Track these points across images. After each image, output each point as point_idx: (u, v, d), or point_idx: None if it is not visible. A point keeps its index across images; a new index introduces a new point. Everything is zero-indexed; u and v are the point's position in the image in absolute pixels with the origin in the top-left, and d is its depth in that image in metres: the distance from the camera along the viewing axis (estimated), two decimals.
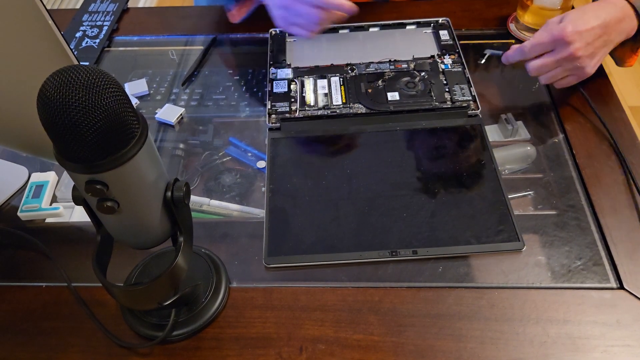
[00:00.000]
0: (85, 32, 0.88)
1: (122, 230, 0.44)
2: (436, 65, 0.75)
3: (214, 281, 0.54)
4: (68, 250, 0.61)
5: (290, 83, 0.74)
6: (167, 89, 0.79)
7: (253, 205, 0.64)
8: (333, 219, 0.60)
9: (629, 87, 1.86)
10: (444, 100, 0.70)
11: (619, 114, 0.69)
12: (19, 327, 0.54)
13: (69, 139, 0.35)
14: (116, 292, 0.47)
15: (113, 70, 0.82)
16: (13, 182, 0.68)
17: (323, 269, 0.57)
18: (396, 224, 0.59)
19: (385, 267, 0.56)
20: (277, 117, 0.70)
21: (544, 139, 0.68)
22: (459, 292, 0.54)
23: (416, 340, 0.51)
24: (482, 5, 0.87)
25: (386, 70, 0.75)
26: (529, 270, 0.56)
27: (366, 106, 0.70)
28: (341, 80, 0.74)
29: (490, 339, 0.51)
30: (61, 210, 0.64)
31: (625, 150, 0.65)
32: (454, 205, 0.60)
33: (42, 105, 0.34)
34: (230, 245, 0.60)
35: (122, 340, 0.52)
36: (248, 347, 0.51)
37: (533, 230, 0.59)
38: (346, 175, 0.64)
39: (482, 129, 0.68)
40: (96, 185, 0.38)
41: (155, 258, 0.56)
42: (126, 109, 0.36)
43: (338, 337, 0.52)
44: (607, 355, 0.49)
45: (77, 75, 0.34)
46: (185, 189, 0.44)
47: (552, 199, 0.62)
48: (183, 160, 0.70)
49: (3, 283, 0.58)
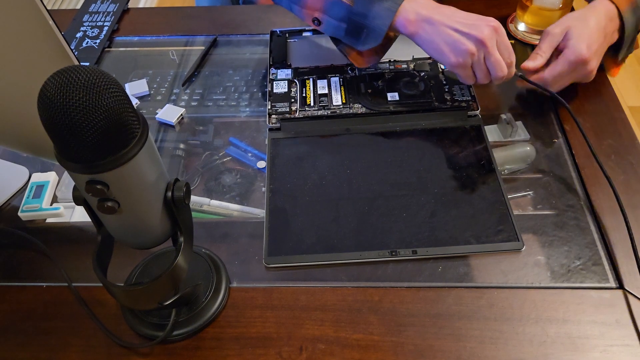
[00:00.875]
0: (86, 33, 0.88)
1: (123, 230, 0.45)
2: (436, 65, 0.75)
3: (214, 281, 0.54)
4: (68, 250, 0.61)
5: (291, 83, 0.74)
6: (167, 89, 0.79)
7: (253, 205, 0.64)
8: (333, 219, 0.60)
9: (628, 87, 1.86)
10: (443, 101, 0.70)
11: (618, 114, 0.69)
12: (20, 327, 0.54)
13: (69, 139, 0.35)
14: (116, 292, 0.47)
15: (113, 70, 0.82)
16: (14, 182, 0.68)
17: (323, 269, 0.57)
18: (396, 224, 0.59)
19: (385, 267, 0.57)
20: (277, 118, 0.70)
21: (544, 139, 0.68)
22: (458, 291, 0.54)
23: (416, 339, 0.51)
24: (482, 6, 0.87)
25: (386, 71, 0.75)
26: (528, 270, 0.56)
27: (366, 106, 0.70)
28: (341, 80, 0.74)
29: (490, 339, 0.51)
30: (62, 211, 0.64)
31: (625, 150, 0.65)
32: (453, 205, 0.60)
33: (43, 106, 0.34)
34: (230, 245, 0.60)
35: (123, 340, 0.52)
36: (248, 347, 0.51)
37: (532, 230, 0.59)
38: (346, 176, 0.64)
39: (482, 129, 0.68)
40: (97, 186, 0.38)
41: (155, 258, 0.56)
42: (127, 109, 0.36)
43: (338, 336, 0.52)
44: (607, 354, 0.49)
45: (78, 75, 0.34)
46: (186, 189, 0.44)
47: (551, 199, 0.62)
48: (183, 161, 0.70)
49: (3, 283, 0.58)
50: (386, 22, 0.63)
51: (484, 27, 0.61)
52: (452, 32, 0.62)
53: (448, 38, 0.62)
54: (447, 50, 0.62)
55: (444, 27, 0.62)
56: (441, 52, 0.63)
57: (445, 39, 0.62)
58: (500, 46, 0.62)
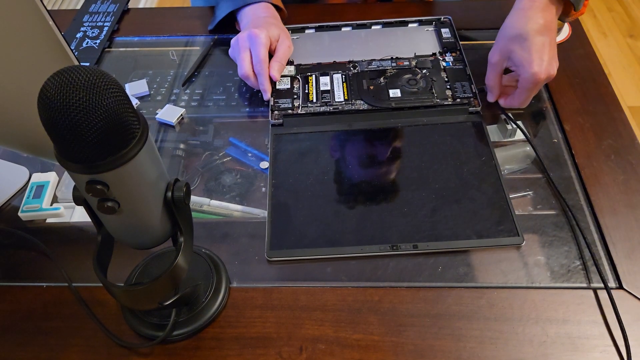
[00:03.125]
0: (86, 33, 0.88)
1: (123, 230, 0.45)
2: (438, 62, 0.75)
3: (214, 281, 0.54)
4: (69, 250, 0.61)
5: (293, 80, 0.74)
6: (167, 90, 0.79)
7: (253, 205, 0.64)
8: (335, 213, 0.60)
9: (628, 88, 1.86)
10: (445, 97, 0.70)
11: (618, 114, 0.69)
12: (20, 327, 0.54)
13: (69, 139, 0.35)
14: (117, 292, 0.47)
15: (113, 70, 0.82)
16: (14, 182, 0.68)
17: (324, 267, 0.57)
18: (397, 219, 0.59)
19: (385, 266, 0.57)
20: (280, 114, 0.70)
21: (544, 139, 0.68)
22: (458, 291, 0.54)
23: (416, 340, 0.51)
24: (482, 6, 0.87)
25: (388, 68, 0.75)
26: (528, 270, 0.56)
27: (368, 103, 0.71)
28: (343, 77, 0.75)
29: (490, 339, 0.51)
30: (62, 211, 0.64)
31: (625, 151, 0.65)
32: (454, 200, 0.61)
33: (43, 106, 0.34)
34: (230, 245, 0.60)
35: (123, 340, 0.52)
36: (248, 347, 0.51)
37: (532, 230, 0.59)
38: (348, 171, 0.65)
39: (483, 126, 0.68)
40: (97, 186, 0.38)
41: (155, 258, 0.56)
42: (127, 110, 0.36)
43: (338, 336, 0.52)
44: (606, 355, 0.49)
45: (78, 75, 0.34)
46: (186, 189, 0.44)
47: (551, 199, 0.62)
48: (183, 161, 0.70)
49: (4, 283, 0.58)
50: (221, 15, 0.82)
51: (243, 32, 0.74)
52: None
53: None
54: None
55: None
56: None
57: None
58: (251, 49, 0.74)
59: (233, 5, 0.81)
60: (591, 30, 2.09)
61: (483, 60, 0.71)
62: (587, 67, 0.76)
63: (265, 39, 0.72)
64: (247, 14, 0.80)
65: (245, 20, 0.79)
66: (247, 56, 0.72)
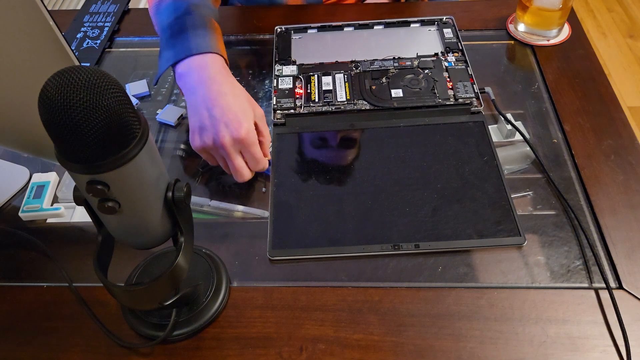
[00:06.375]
0: (86, 33, 0.88)
1: (123, 230, 0.45)
2: (440, 62, 0.75)
3: (214, 281, 0.54)
4: (69, 250, 0.61)
5: (296, 80, 0.75)
6: (167, 90, 0.79)
7: (253, 205, 0.64)
8: (337, 213, 0.61)
9: (628, 88, 1.86)
10: (447, 97, 0.70)
11: (617, 115, 0.69)
12: (20, 327, 0.55)
13: (70, 140, 0.35)
14: (117, 292, 0.47)
15: (114, 71, 0.82)
16: (14, 182, 0.68)
17: (324, 267, 0.57)
18: (399, 219, 0.59)
19: (386, 266, 0.57)
20: (282, 113, 0.71)
21: (544, 139, 0.68)
22: (458, 292, 0.54)
23: (416, 340, 0.51)
24: (482, 6, 0.88)
25: (390, 68, 0.75)
26: (528, 270, 0.56)
27: (370, 103, 0.71)
28: (345, 77, 0.75)
29: (490, 339, 0.51)
30: (62, 211, 0.64)
31: (625, 151, 0.65)
32: (456, 200, 0.61)
33: (43, 106, 0.34)
34: (230, 245, 0.60)
35: (123, 340, 0.52)
36: (248, 347, 0.51)
37: (533, 230, 0.59)
38: (350, 171, 0.65)
39: (485, 126, 0.68)
40: (97, 186, 0.38)
41: (156, 258, 0.56)
42: (127, 110, 0.36)
43: (338, 336, 0.52)
44: (607, 355, 0.49)
45: (78, 75, 0.34)
46: (186, 190, 0.45)
47: (551, 199, 0.62)
48: (184, 161, 0.70)
49: (4, 283, 0.58)
50: (162, 68, 0.65)
51: (225, 133, 0.57)
52: (206, 117, 0.58)
53: (201, 120, 0.58)
54: (196, 130, 0.59)
55: (202, 107, 0.59)
56: (192, 128, 0.60)
57: (199, 118, 0.59)
58: (245, 154, 0.59)
59: (174, 56, 0.63)
60: (591, 31, 2.09)
61: (485, 60, 0.71)
62: (587, 67, 0.76)
63: (255, 136, 0.60)
64: (196, 68, 0.62)
65: (196, 76, 0.61)
66: (242, 162, 0.60)
